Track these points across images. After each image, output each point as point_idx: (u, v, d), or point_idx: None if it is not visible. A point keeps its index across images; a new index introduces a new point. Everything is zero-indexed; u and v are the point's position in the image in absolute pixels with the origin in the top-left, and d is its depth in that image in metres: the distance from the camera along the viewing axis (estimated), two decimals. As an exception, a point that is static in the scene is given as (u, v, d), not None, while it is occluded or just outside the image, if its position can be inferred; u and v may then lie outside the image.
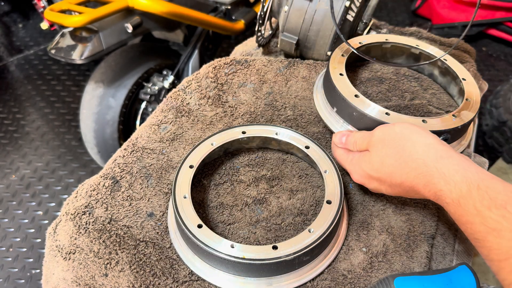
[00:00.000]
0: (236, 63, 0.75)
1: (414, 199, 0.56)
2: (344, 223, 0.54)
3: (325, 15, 0.70)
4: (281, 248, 0.46)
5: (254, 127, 0.61)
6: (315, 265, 0.49)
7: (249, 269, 0.46)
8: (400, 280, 0.44)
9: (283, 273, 0.48)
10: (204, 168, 0.61)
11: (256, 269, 0.46)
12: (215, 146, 0.58)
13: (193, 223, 0.48)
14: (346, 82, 0.60)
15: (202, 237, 0.47)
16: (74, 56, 1.17)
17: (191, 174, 0.53)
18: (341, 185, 0.53)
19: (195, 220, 0.48)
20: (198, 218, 0.48)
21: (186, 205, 0.50)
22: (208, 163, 0.61)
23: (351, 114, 0.58)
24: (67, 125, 1.90)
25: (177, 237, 0.52)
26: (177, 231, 0.52)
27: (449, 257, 0.54)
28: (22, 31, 2.39)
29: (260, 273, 0.47)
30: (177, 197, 0.51)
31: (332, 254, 0.51)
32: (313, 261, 0.49)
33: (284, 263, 0.45)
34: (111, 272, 0.49)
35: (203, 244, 0.46)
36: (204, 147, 0.58)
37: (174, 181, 0.53)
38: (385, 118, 0.55)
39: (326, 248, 0.50)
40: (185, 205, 0.50)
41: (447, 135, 0.55)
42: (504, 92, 1.65)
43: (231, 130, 0.61)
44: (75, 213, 0.54)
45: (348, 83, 0.60)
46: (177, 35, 1.50)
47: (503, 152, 1.64)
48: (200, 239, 0.46)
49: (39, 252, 1.47)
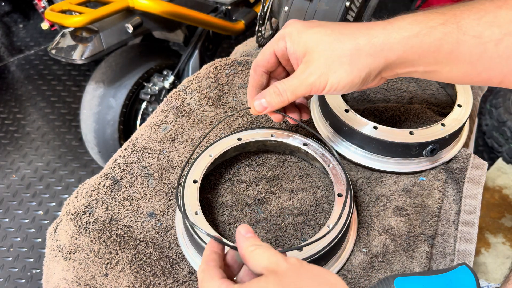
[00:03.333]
0: (237, 64, 0.75)
1: (414, 201, 0.56)
2: (354, 220, 0.53)
3: (325, 15, 0.70)
4: (305, 250, 0.46)
5: (249, 132, 0.60)
6: (330, 266, 0.50)
7: None
8: (400, 280, 0.44)
9: None
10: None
11: None
12: (214, 157, 0.57)
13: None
14: (337, 97, 0.61)
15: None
16: (74, 56, 1.17)
17: (197, 189, 0.53)
18: (347, 177, 0.53)
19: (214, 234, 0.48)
20: (216, 233, 0.48)
21: (200, 221, 0.49)
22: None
23: (341, 129, 0.60)
24: (68, 125, 1.90)
25: (188, 248, 0.52)
26: (189, 245, 0.51)
27: (449, 257, 0.54)
28: (23, 31, 2.39)
29: None
30: (189, 216, 0.50)
31: (347, 251, 0.52)
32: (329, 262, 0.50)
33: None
34: (112, 272, 0.49)
35: None
36: (203, 160, 0.56)
37: (182, 199, 0.51)
38: (374, 133, 0.56)
39: (340, 248, 0.51)
40: (199, 222, 0.49)
41: (435, 145, 0.55)
42: (504, 92, 1.65)
43: (226, 138, 0.59)
44: (76, 213, 0.54)
45: (339, 97, 0.61)
46: (177, 35, 1.50)
47: (503, 152, 1.64)
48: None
49: (40, 252, 1.47)
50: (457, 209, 0.57)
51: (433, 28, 0.40)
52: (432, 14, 0.41)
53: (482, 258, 1.40)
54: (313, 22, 0.46)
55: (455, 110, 0.60)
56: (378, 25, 0.43)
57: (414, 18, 0.42)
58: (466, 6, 0.41)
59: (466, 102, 0.61)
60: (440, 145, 0.57)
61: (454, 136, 0.60)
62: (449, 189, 0.59)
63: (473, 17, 0.39)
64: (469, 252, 0.55)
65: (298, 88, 0.45)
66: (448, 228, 0.56)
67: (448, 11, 0.41)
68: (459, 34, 0.40)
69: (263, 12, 0.76)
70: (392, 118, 0.66)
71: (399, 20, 0.42)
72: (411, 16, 0.42)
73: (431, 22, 0.41)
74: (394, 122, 0.65)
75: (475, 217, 0.56)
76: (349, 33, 0.43)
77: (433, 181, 0.58)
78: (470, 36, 0.39)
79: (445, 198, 0.58)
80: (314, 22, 0.46)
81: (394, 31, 0.42)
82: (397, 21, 0.42)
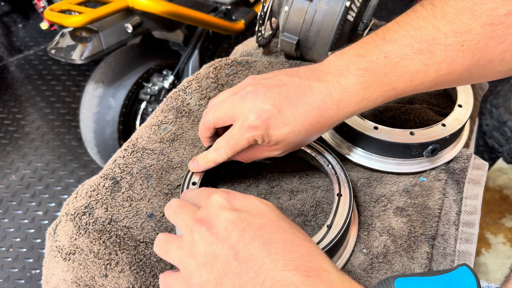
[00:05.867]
0: (237, 64, 0.75)
1: (415, 201, 0.56)
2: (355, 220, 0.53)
3: (326, 15, 0.70)
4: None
5: None
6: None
7: None
8: (400, 281, 0.44)
9: None
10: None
11: None
12: None
13: None
14: None
15: None
16: (74, 56, 1.17)
17: None
18: (347, 178, 0.53)
19: None
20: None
21: None
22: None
23: (341, 129, 0.60)
24: (67, 125, 1.90)
25: None
26: None
27: (449, 258, 0.54)
28: (22, 31, 2.39)
29: None
30: None
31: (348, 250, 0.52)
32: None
33: None
34: (111, 273, 0.49)
35: None
36: None
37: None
38: (374, 133, 0.56)
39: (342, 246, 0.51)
40: None
41: (435, 146, 0.55)
42: (504, 92, 1.65)
43: None
44: (75, 213, 0.54)
45: None
46: (177, 35, 1.50)
47: (503, 152, 1.64)
48: None
49: (39, 252, 1.47)
50: (457, 210, 0.57)
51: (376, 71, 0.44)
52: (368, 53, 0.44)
53: (483, 258, 1.40)
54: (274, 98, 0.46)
55: (456, 110, 0.60)
56: (331, 99, 0.45)
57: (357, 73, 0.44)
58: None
59: (466, 102, 0.61)
60: (440, 146, 0.57)
61: (454, 136, 0.59)
62: (449, 190, 0.59)
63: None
64: (469, 253, 0.55)
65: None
66: (449, 229, 0.56)
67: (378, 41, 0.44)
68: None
69: (263, 12, 0.76)
70: (392, 118, 0.66)
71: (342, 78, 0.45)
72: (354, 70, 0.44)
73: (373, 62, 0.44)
74: (394, 123, 0.65)
75: (475, 218, 0.56)
76: (314, 122, 0.46)
77: (434, 182, 0.58)
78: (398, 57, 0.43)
79: (446, 198, 0.58)
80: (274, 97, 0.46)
81: (343, 106, 0.45)
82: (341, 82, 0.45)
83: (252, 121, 0.45)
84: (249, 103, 0.45)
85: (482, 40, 0.39)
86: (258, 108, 0.45)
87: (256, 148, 0.49)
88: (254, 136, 0.46)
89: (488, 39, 0.39)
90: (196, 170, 0.53)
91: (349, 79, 0.44)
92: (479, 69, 0.42)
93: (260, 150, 0.49)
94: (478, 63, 0.41)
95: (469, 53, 0.40)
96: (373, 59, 0.43)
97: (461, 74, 0.42)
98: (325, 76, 0.45)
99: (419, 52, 0.41)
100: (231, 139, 0.47)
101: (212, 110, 0.49)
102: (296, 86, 0.46)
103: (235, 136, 0.47)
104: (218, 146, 0.49)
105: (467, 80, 0.44)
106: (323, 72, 0.46)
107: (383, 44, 0.43)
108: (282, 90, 0.46)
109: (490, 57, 0.40)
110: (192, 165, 0.53)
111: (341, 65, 0.45)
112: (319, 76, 0.46)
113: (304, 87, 0.45)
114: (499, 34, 0.39)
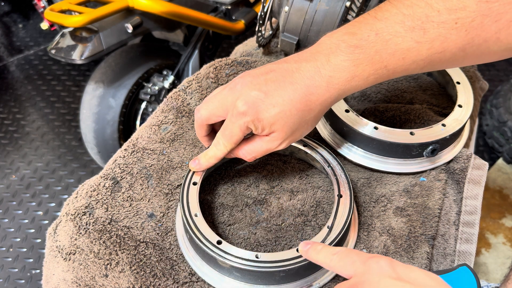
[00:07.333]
0: (237, 64, 0.75)
1: (415, 201, 0.56)
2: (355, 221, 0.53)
3: (326, 15, 0.70)
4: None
5: None
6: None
7: (272, 276, 0.46)
8: (400, 281, 0.44)
9: (302, 277, 0.48)
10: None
11: (284, 275, 0.46)
12: None
13: (212, 240, 0.47)
14: None
15: (223, 254, 0.46)
16: (74, 56, 1.17)
17: (196, 191, 0.52)
18: (347, 178, 0.53)
19: (213, 237, 0.47)
20: (215, 235, 0.48)
21: (200, 223, 0.49)
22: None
23: (341, 129, 0.59)
24: (67, 125, 1.90)
25: (189, 250, 0.51)
26: (190, 247, 0.51)
27: (450, 258, 0.54)
28: (22, 31, 2.39)
29: (287, 278, 0.47)
30: (188, 217, 0.50)
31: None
32: None
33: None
34: (111, 273, 0.49)
35: (227, 259, 0.45)
36: None
37: (181, 200, 0.51)
38: (374, 133, 0.56)
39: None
40: (199, 224, 0.49)
41: (435, 146, 0.55)
42: (504, 92, 1.65)
43: None
44: (75, 213, 0.54)
45: None
46: (177, 35, 1.50)
47: (503, 152, 1.64)
48: (222, 255, 0.46)
49: (39, 252, 1.47)
50: (457, 210, 0.57)
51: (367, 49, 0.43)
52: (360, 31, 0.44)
53: (483, 258, 1.40)
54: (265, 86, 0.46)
55: (456, 111, 0.60)
56: (322, 77, 0.45)
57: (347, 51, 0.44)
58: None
59: (466, 103, 0.61)
60: (440, 146, 0.57)
61: (454, 137, 0.59)
62: (449, 190, 0.59)
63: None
64: (469, 253, 0.55)
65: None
66: (449, 229, 0.56)
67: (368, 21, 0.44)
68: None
69: (263, 12, 0.76)
70: (392, 119, 0.66)
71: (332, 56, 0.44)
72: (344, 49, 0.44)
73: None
74: (394, 123, 0.65)
75: (475, 218, 0.56)
76: (304, 103, 0.45)
77: (434, 182, 0.58)
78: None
79: (446, 198, 0.58)
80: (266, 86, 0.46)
81: (334, 82, 0.44)
82: (332, 60, 0.44)
83: (240, 108, 0.45)
84: (237, 93, 0.46)
85: (477, 17, 0.38)
86: (245, 95, 0.45)
87: (254, 140, 0.49)
88: (245, 123, 0.45)
89: (483, 17, 0.38)
90: (197, 169, 0.53)
91: (339, 56, 0.43)
92: (474, 49, 0.41)
93: (259, 142, 0.49)
94: (473, 42, 0.40)
95: (463, 31, 0.39)
96: (364, 36, 0.43)
97: (455, 53, 0.42)
98: (314, 56, 0.45)
99: (411, 30, 0.41)
100: (226, 130, 0.48)
101: (204, 106, 0.49)
102: (283, 69, 0.46)
103: (228, 127, 0.47)
104: (217, 140, 0.49)
105: (462, 60, 0.43)
106: (312, 53, 0.46)
107: (374, 22, 0.43)
108: (269, 76, 0.45)
109: (485, 36, 0.39)
110: (194, 164, 0.52)
111: (331, 43, 0.45)
112: (307, 57, 0.45)
113: (291, 69, 0.45)
114: (495, 12, 0.38)
